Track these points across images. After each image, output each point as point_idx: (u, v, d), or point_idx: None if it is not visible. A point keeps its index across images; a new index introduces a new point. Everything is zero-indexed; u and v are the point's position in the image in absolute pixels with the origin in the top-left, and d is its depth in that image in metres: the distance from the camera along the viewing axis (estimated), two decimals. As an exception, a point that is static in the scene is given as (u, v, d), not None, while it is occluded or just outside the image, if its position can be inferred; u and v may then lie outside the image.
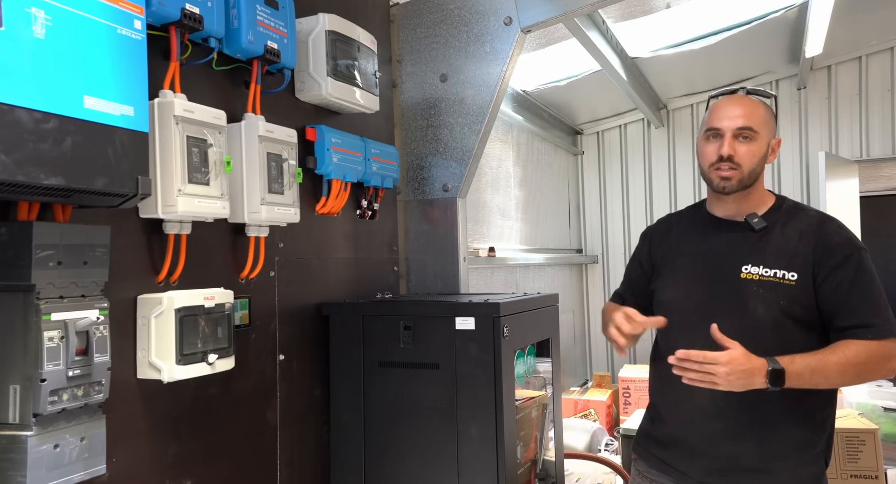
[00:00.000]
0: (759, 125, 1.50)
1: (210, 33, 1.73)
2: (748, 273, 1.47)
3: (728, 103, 1.52)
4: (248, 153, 1.86)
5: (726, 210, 1.57)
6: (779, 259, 1.47)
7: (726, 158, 1.47)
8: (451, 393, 2.02)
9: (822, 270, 1.44)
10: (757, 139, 1.50)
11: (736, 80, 5.35)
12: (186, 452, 1.72)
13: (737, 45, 4.38)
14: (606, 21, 3.81)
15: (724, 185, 1.50)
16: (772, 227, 1.51)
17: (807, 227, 1.50)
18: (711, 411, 1.48)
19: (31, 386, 1.23)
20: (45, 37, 1.17)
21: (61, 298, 1.28)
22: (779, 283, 1.46)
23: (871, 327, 1.41)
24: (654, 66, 4.72)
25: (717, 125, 1.50)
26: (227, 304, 1.73)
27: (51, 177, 1.17)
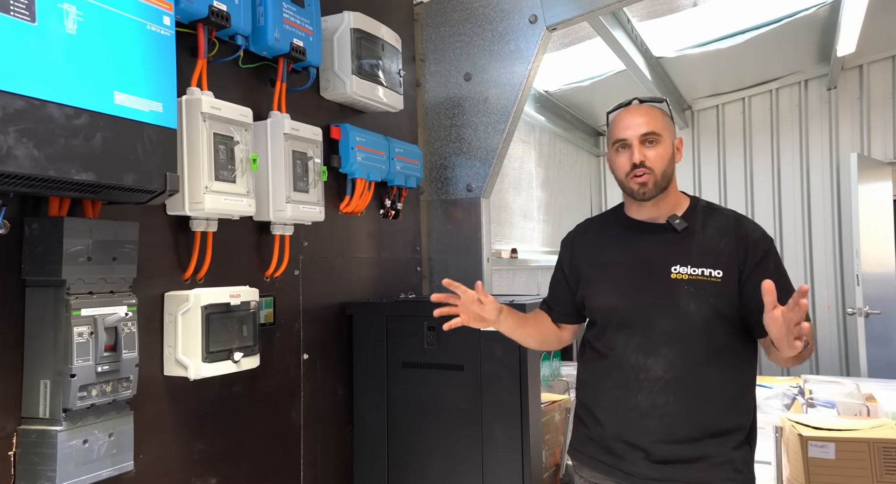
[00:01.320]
0: (661, 128, 1.56)
1: (237, 31, 1.73)
2: (678, 273, 1.51)
3: (627, 114, 1.58)
4: (273, 151, 1.86)
5: (646, 214, 1.62)
6: (704, 258, 1.52)
7: (639, 165, 1.53)
8: (475, 395, 2.00)
9: (747, 266, 1.50)
10: (662, 142, 1.55)
11: (763, 80, 5.27)
12: (212, 449, 1.72)
13: (764, 44, 4.31)
14: (632, 20, 3.76)
15: (644, 190, 1.54)
16: (692, 228, 1.57)
17: (725, 225, 1.57)
18: (649, 409, 1.52)
19: (61, 381, 1.23)
20: (76, 32, 1.17)
21: (91, 293, 1.29)
22: (706, 280, 1.50)
23: None
24: (679, 66, 4.65)
25: (622, 136, 1.56)
26: (252, 302, 1.73)
27: (81, 172, 1.17)
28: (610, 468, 1.58)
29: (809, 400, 3.49)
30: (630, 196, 1.60)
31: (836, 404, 3.43)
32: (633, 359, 1.52)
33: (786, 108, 5.31)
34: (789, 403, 3.54)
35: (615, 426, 1.56)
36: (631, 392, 1.51)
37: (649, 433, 1.52)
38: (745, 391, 1.57)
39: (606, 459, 1.58)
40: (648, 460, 1.52)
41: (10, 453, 1.25)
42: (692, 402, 1.50)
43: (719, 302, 1.48)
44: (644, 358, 1.51)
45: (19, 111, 1.07)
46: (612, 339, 1.56)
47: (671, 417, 1.50)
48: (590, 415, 1.63)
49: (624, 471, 1.55)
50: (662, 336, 1.49)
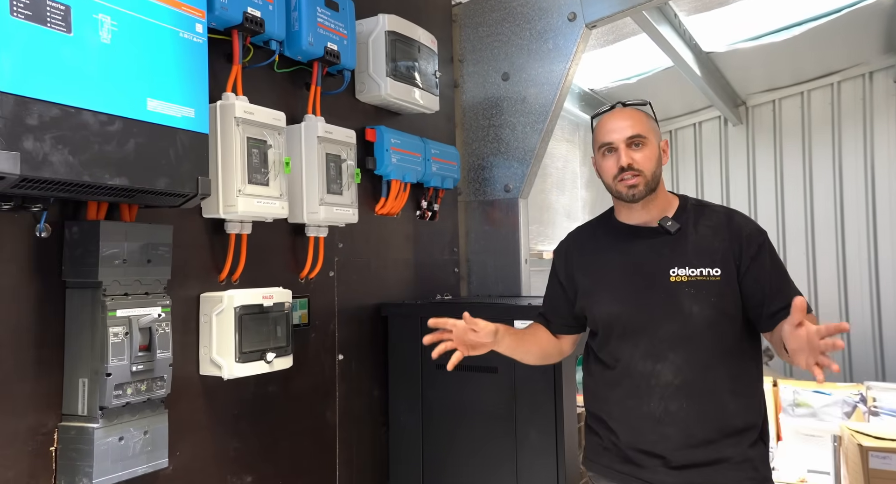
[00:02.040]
0: (647, 131, 1.54)
1: (271, 36, 1.76)
2: (677, 276, 1.50)
3: (611, 118, 1.57)
4: (307, 154, 1.88)
5: (637, 217, 1.59)
6: (701, 258, 1.50)
7: (627, 168, 1.51)
8: (509, 398, 1.97)
9: (744, 261, 1.49)
10: (648, 144, 1.53)
11: (823, 73, 5.01)
12: (247, 448, 1.75)
13: (824, 35, 4.10)
14: (679, 14, 3.64)
15: (633, 192, 1.52)
16: (685, 228, 1.54)
17: (717, 222, 1.54)
18: (662, 415, 1.49)
19: (97, 379, 1.27)
20: (110, 42, 1.21)
21: (126, 295, 1.33)
22: (706, 280, 1.49)
23: None
24: (731, 61, 4.48)
25: (608, 140, 1.54)
26: (285, 303, 1.75)
27: (115, 177, 1.21)
28: (628, 477, 1.55)
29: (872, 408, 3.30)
30: (619, 199, 1.58)
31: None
32: (641, 366, 1.50)
33: (849, 102, 5.04)
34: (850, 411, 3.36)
35: (630, 435, 1.54)
36: (642, 400, 1.49)
37: (665, 440, 1.49)
38: (755, 388, 1.56)
39: (624, 469, 1.56)
40: (667, 467, 1.50)
41: (51, 449, 1.31)
42: (704, 404, 1.48)
43: (721, 301, 1.47)
44: (652, 364, 1.49)
45: (55, 119, 1.12)
46: (618, 348, 1.54)
47: (685, 421, 1.48)
48: (602, 425, 1.61)
49: (643, 479, 1.53)
50: (668, 340, 1.48)
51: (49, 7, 1.11)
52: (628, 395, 1.51)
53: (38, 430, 1.29)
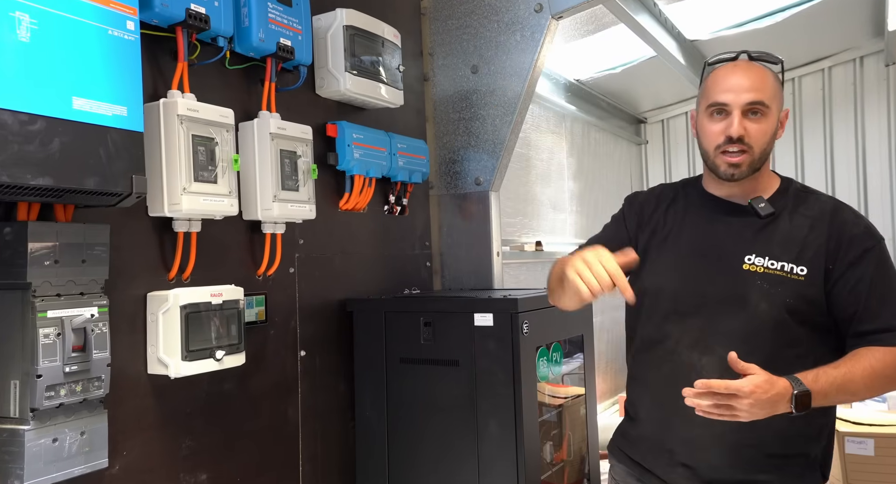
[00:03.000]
0: (770, 98, 1.29)
1: (218, 33, 1.74)
2: (751, 265, 1.30)
3: (733, 73, 1.30)
4: (260, 151, 1.87)
5: (727, 191, 1.39)
6: (787, 250, 1.29)
7: (736, 140, 1.28)
8: (470, 390, 1.96)
9: (839, 265, 1.27)
10: (769, 114, 1.29)
11: (812, 58, 4.95)
12: (201, 446, 1.75)
13: (810, 20, 4.04)
14: (658, 3, 3.60)
15: (734, 172, 1.31)
16: (779, 214, 1.33)
17: (819, 214, 1.32)
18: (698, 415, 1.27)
19: (28, 381, 1.27)
20: (30, 40, 1.20)
21: (58, 295, 1.32)
22: (786, 277, 1.28)
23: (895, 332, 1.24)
24: (717, 48, 4.41)
25: (722, 100, 1.29)
26: (239, 301, 1.75)
27: (38, 177, 1.20)
28: (646, 473, 1.42)
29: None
30: (713, 172, 1.35)
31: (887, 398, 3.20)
32: (685, 354, 1.32)
33: (839, 86, 4.98)
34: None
35: (657, 428, 1.39)
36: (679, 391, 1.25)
37: (695, 444, 1.33)
38: (822, 410, 1.28)
39: (644, 463, 1.42)
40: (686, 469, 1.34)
41: (-15, 450, 1.31)
42: None
43: (798, 303, 1.26)
44: (698, 356, 1.30)
45: (-30, 120, 1.11)
46: (662, 327, 1.37)
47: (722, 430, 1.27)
48: (636, 412, 1.46)
49: (661, 478, 1.38)
50: (722, 334, 1.29)
51: (-41, 7, 1.10)
52: (666, 382, 1.33)
53: (-28, 431, 1.30)
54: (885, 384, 1.23)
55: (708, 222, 1.38)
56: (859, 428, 2.54)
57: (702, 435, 1.32)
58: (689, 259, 1.37)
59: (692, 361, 1.31)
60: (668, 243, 1.41)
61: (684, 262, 1.38)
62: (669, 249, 1.40)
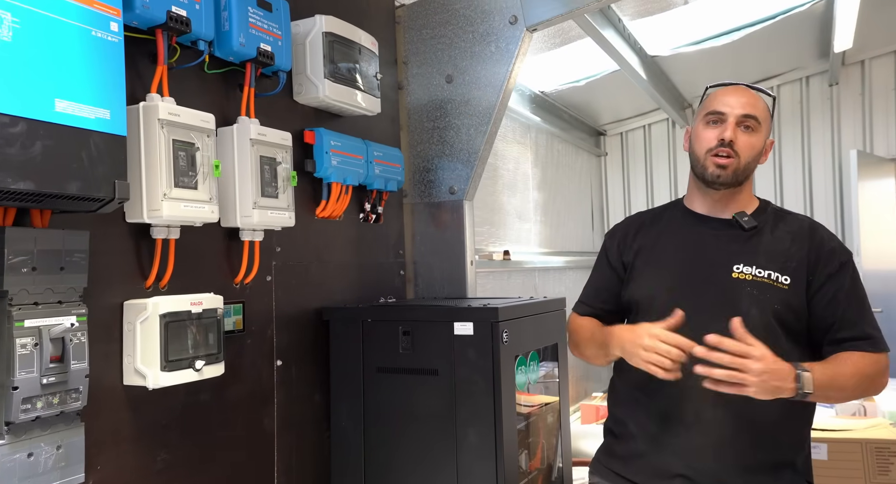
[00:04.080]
0: (762, 118, 1.43)
1: (199, 36, 1.71)
2: (740, 272, 1.37)
3: (733, 91, 1.44)
4: (239, 157, 1.84)
5: (711, 208, 1.47)
6: (771, 261, 1.38)
7: (727, 144, 1.38)
8: (450, 400, 1.97)
9: (818, 276, 1.37)
10: (759, 131, 1.42)
11: (763, 77, 5.18)
12: (177, 459, 1.70)
13: (763, 40, 4.23)
14: (623, 19, 3.71)
15: (720, 173, 1.39)
16: (761, 228, 1.43)
17: (798, 230, 1.42)
18: (691, 424, 1.36)
19: (3, 394, 1.21)
20: (11, 39, 1.16)
21: (36, 304, 1.27)
22: (772, 285, 1.36)
23: (869, 339, 1.35)
24: (676, 65, 4.59)
25: (721, 109, 1.41)
26: (217, 309, 1.71)
27: (19, 181, 1.15)
28: None
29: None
30: (701, 179, 1.43)
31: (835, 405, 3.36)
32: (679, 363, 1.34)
33: (787, 104, 5.23)
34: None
35: (652, 442, 1.41)
36: (674, 401, 1.35)
37: (688, 451, 1.36)
38: (802, 418, 1.39)
39: (632, 476, 1.43)
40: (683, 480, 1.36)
41: (-46, 466, 1.24)
42: (743, 421, 1.32)
43: (784, 310, 1.34)
44: (691, 364, 1.30)
45: (-51, 121, 1.06)
46: None
47: (718, 435, 1.32)
48: (624, 428, 1.48)
49: None
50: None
51: (-59, 3, 1.06)
52: (661, 395, 1.37)
53: (-60, 448, 1.23)
54: (865, 387, 1.32)
55: (694, 235, 1.46)
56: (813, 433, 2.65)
57: (701, 444, 1.35)
58: (678, 269, 1.43)
59: (686, 368, 1.33)
60: (655, 257, 1.48)
61: (674, 272, 1.44)
62: (658, 261, 1.47)
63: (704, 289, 1.39)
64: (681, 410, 1.35)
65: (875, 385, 1.35)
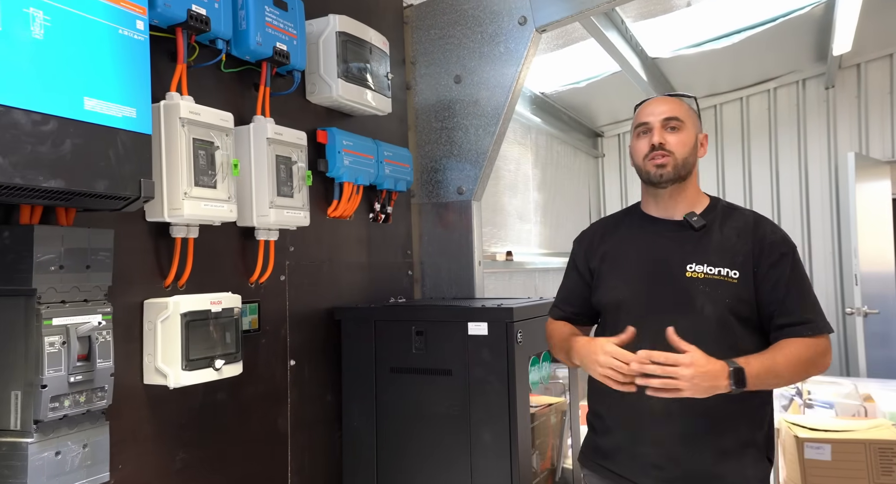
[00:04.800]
0: (685, 117, 1.55)
1: (217, 35, 1.71)
2: (693, 272, 1.48)
3: (651, 102, 1.59)
4: (256, 156, 1.84)
5: (663, 209, 1.59)
6: (721, 257, 1.48)
7: (658, 147, 1.51)
8: (463, 399, 1.98)
9: (761, 268, 1.47)
10: (684, 129, 1.53)
11: (761, 79, 5.23)
12: (195, 458, 1.70)
13: (761, 43, 4.28)
14: (625, 20, 3.74)
15: (661, 173, 1.51)
16: (710, 226, 1.53)
17: (743, 226, 1.53)
18: (661, 416, 1.46)
19: (32, 392, 1.21)
20: (43, 37, 1.15)
21: (63, 302, 1.27)
22: (723, 280, 1.47)
23: (808, 324, 1.45)
24: (675, 67, 4.62)
25: (645, 120, 1.55)
26: (235, 308, 1.71)
27: (50, 179, 1.15)
28: (619, 478, 1.52)
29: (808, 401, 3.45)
30: (647, 182, 1.57)
31: (834, 405, 3.40)
32: None
33: (784, 107, 5.28)
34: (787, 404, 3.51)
35: (624, 434, 1.52)
36: (642, 395, 1.40)
37: (660, 441, 1.46)
38: (762, 401, 1.50)
39: (615, 469, 1.53)
40: (659, 472, 1.46)
41: (-19, 465, 1.23)
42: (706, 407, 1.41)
43: (735, 303, 1.44)
44: None
45: (-17, 118, 1.06)
46: None
47: (683, 420, 1.44)
48: (601, 421, 1.59)
49: (633, 481, 1.49)
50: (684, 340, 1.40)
51: (-24, 0, 1.05)
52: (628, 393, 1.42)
53: (-33, 447, 1.22)
54: (803, 370, 1.44)
55: (651, 239, 1.57)
56: (817, 434, 2.67)
57: (667, 429, 1.46)
58: (638, 273, 1.55)
59: None
60: (618, 262, 1.59)
61: (634, 276, 1.55)
62: (620, 267, 1.59)
63: (663, 290, 1.50)
64: (649, 403, 1.45)
65: (816, 366, 1.45)
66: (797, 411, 3.39)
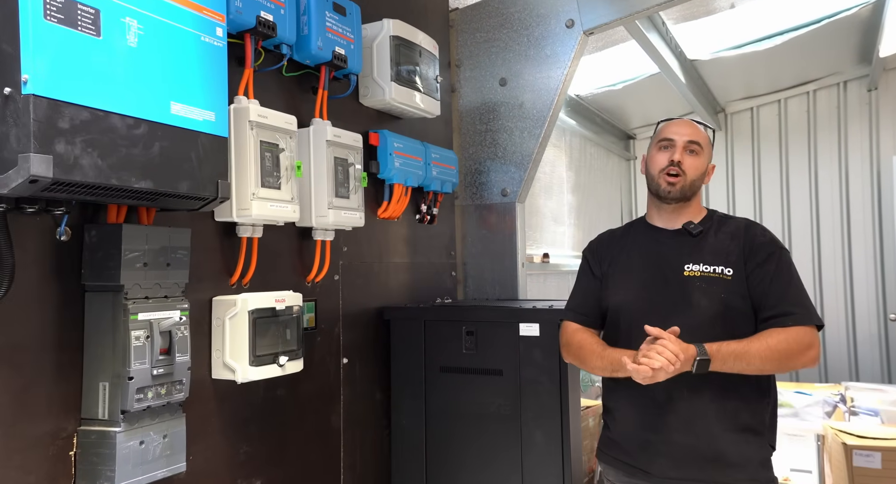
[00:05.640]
0: (704, 144, 1.70)
1: (282, 40, 1.76)
2: (690, 271, 1.62)
3: (679, 123, 1.73)
4: (316, 158, 1.88)
5: (666, 220, 1.73)
6: (716, 257, 1.63)
7: (676, 163, 1.65)
8: (514, 399, 2.00)
9: (749, 265, 1.61)
10: (701, 155, 1.69)
11: (799, 81, 5.16)
12: (257, 451, 1.75)
13: (803, 45, 4.22)
14: (667, 23, 3.73)
15: (670, 190, 1.66)
16: (706, 232, 1.68)
17: (736, 230, 1.67)
18: (664, 403, 1.57)
19: (119, 383, 1.26)
20: (137, 45, 1.21)
21: (147, 298, 1.32)
22: (718, 277, 1.60)
23: (790, 315, 1.55)
24: (713, 69, 4.59)
25: (671, 136, 1.69)
26: (295, 306, 1.75)
27: (141, 180, 1.20)
28: (631, 468, 1.62)
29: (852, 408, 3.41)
30: (655, 195, 1.72)
31: (879, 413, 3.34)
32: None
33: (824, 110, 5.20)
34: (830, 411, 3.46)
35: (633, 425, 1.63)
36: (647, 388, 1.54)
37: (667, 431, 1.57)
38: (762, 388, 1.61)
39: (627, 459, 1.63)
40: (667, 459, 1.57)
41: (70, 453, 1.29)
42: (707, 396, 1.55)
43: (730, 297, 1.58)
44: None
45: (85, 122, 1.11)
46: (628, 336, 1.62)
47: (688, 411, 1.56)
48: (611, 416, 1.71)
49: (644, 470, 1.60)
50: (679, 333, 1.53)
51: (80, 10, 1.11)
52: (632, 384, 1.54)
53: (58, 434, 1.28)
54: (779, 359, 1.51)
55: (653, 245, 1.72)
56: (866, 441, 2.64)
57: (673, 421, 1.56)
58: (641, 275, 1.69)
59: None
60: (624, 267, 1.73)
61: (638, 278, 1.69)
62: (626, 270, 1.72)
63: (663, 288, 1.64)
64: (653, 393, 1.56)
65: (797, 357, 1.52)
66: (841, 418, 3.35)
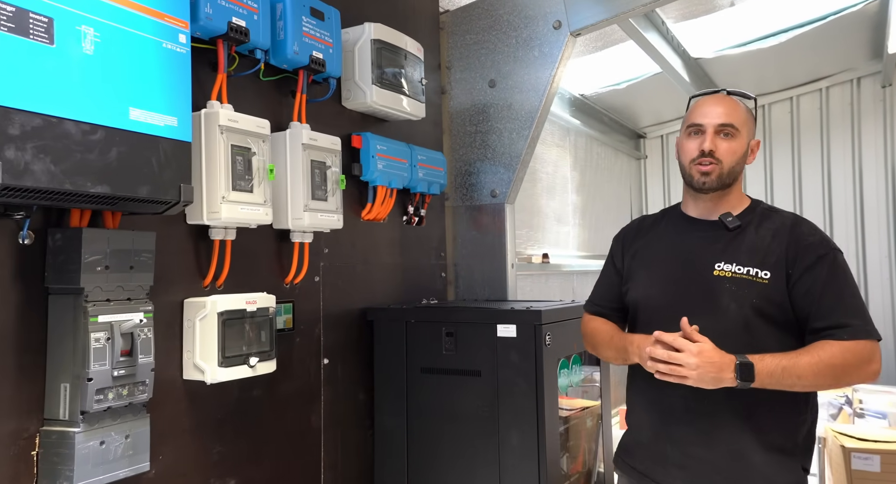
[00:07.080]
0: (740, 123, 1.50)
1: (256, 45, 1.78)
2: (721, 270, 1.46)
3: (709, 101, 1.53)
4: (291, 161, 1.90)
5: (701, 210, 1.57)
6: (752, 257, 1.46)
7: (707, 153, 1.47)
8: (492, 401, 2.00)
9: (796, 270, 1.43)
10: (738, 137, 1.50)
11: (811, 78, 5.06)
12: (231, 451, 1.77)
13: (812, 41, 4.14)
14: (666, 21, 3.69)
15: (704, 180, 1.49)
16: (745, 227, 1.50)
17: (780, 227, 1.49)
18: (682, 412, 1.44)
19: (79, 384, 1.29)
20: (93, 52, 1.24)
21: (108, 300, 1.35)
22: (751, 280, 1.44)
23: (846, 328, 1.39)
24: (719, 67, 4.52)
25: (699, 121, 1.50)
26: (269, 308, 1.77)
27: (97, 185, 1.23)
28: (644, 478, 1.52)
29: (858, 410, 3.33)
30: (689, 185, 1.54)
31: (887, 415, 3.27)
32: None
33: (837, 106, 5.09)
34: (835, 413, 3.39)
35: (648, 431, 1.52)
36: (665, 392, 1.43)
37: (685, 443, 1.45)
38: (798, 402, 1.43)
39: (640, 467, 1.53)
40: (683, 472, 1.45)
41: (32, 453, 1.32)
42: (729, 407, 1.39)
43: (763, 304, 1.41)
44: None
45: (37, 129, 1.14)
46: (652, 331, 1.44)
47: (707, 420, 1.42)
48: (630, 418, 1.61)
49: (656, 481, 1.49)
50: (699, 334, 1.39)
51: (32, 20, 1.13)
52: (652, 385, 1.44)
53: (20, 434, 1.31)
54: (833, 375, 1.36)
55: (682, 237, 1.56)
56: (865, 444, 2.59)
57: (691, 430, 1.44)
58: (668, 270, 1.54)
59: None
60: (648, 260, 1.60)
61: (664, 273, 1.55)
62: (652, 264, 1.59)
63: (688, 287, 1.49)
64: (670, 401, 1.44)
65: (854, 372, 1.38)
66: (846, 420, 3.28)
